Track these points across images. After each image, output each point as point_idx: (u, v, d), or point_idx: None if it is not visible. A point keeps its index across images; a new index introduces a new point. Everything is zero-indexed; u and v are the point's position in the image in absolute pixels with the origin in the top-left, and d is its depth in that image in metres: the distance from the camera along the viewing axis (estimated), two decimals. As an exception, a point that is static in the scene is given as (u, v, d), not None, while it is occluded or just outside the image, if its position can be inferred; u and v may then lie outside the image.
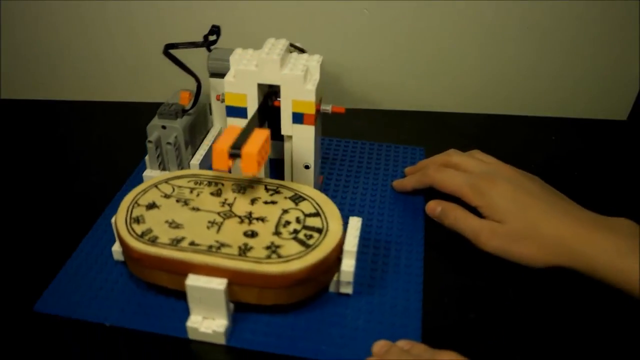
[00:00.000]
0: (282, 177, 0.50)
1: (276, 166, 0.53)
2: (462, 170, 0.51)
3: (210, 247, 0.40)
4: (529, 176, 0.50)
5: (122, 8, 0.66)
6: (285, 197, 0.45)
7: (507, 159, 0.55)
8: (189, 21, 0.66)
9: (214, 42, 0.57)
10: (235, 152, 0.38)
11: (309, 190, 0.46)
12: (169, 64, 0.65)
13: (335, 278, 0.43)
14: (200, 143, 0.57)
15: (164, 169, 0.54)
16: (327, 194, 0.53)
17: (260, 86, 0.45)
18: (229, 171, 0.41)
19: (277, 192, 0.46)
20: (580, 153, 0.64)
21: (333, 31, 0.66)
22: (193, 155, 0.55)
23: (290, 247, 0.40)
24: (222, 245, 0.40)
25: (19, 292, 0.44)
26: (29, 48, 0.69)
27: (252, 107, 0.46)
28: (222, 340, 0.40)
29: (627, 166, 0.62)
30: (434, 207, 0.50)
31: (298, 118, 0.46)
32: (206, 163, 0.55)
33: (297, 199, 0.45)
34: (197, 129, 0.56)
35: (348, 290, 0.44)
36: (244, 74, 0.45)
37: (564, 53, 0.68)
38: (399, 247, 0.49)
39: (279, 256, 0.39)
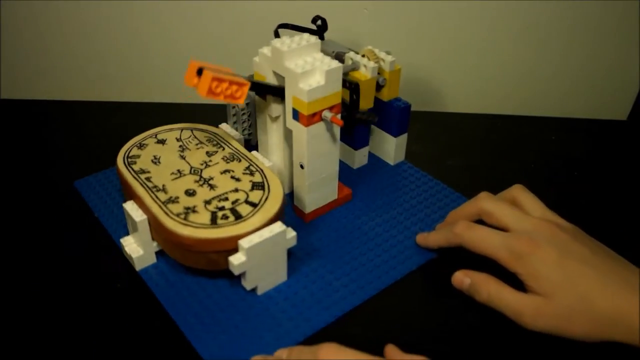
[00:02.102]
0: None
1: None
2: (495, 220, 0.44)
3: (155, 187, 0.46)
4: (574, 233, 0.43)
5: (123, 8, 0.67)
6: (251, 181, 0.47)
7: (507, 159, 0.59)
8: (190, 21, 0.67)
9: (323, 31, 0.60)
10: (200, 69, 0.42)
11: (275, 184, 0.46)
12: (169, 64, 0.67)
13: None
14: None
15: (237, 129, 0.61)
16: (351, 208, 0.54)
17: (277, 73, 0.47)
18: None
19: (251, 174, 0.48)
20: (580, 153, 0.64)
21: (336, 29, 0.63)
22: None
23: (200, 217, 0.43)
24: (163, 190, 0.45)
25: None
26: (29, 48, 0.70)
27: (270, 91, 0.49)
28: (134, 265, 0.46)
29: (627, 166, 0.62)
30: (462, 280, 0.44)
31: (295, 115, 0.46)
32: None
33: (257, 186, 0.46)
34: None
35: (246, 285, 0.44)
36: (263, 58, 0.47)
37: (564, 53, 0.69)
38: (358, 279, 0.46)
39: (184, 218, 0.43)
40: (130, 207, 0.46)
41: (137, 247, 0.47)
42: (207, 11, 0.67)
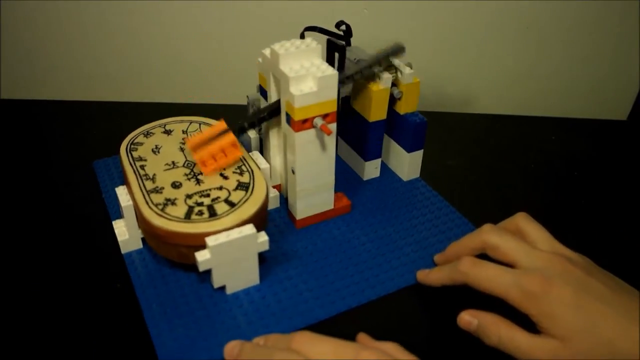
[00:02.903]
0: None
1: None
2: (501, 255, 0.41)
3: (145, 175, 0.47)
4: (587, 267, 0.39)
5: (123, 8, 0.66)
6: (238, 180, 0.47)
7: (507, 159, 0.60)
8: (191, 21, 0.66)
9: (349, 37, 0.59)
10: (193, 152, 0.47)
11: (260, 187, 0.46)
12: (169, 65, 0.66)
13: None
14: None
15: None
16: (347, 220, 0.53)
17: (275, 76, 0.47)
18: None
19: (240, 173, 0.48)
20: (580, 153, 0.64)
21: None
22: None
23: (176, 210, 0.44)
24: (152, 179, 0.47)
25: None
26: (29, 48, 0.69)
27: (271, 91, 0.48)
28: (121, 248, 0.48)
29: (627, 166, 0.63)
30: (469, 321, 0.41)
31: (288, 119, 0.46)
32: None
33: (242, 186, 0.46)
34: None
35: (213, 282, 0.44)
36: (264, 59, 0.47)
37: (564, 53, 0.69)
38: (332, 293, 0.45)
39: (162, 209, 0.44)
40: (120, 191, 0.47)
41: (124, 231, 0.48)
42: (208, 11, 0.66)
